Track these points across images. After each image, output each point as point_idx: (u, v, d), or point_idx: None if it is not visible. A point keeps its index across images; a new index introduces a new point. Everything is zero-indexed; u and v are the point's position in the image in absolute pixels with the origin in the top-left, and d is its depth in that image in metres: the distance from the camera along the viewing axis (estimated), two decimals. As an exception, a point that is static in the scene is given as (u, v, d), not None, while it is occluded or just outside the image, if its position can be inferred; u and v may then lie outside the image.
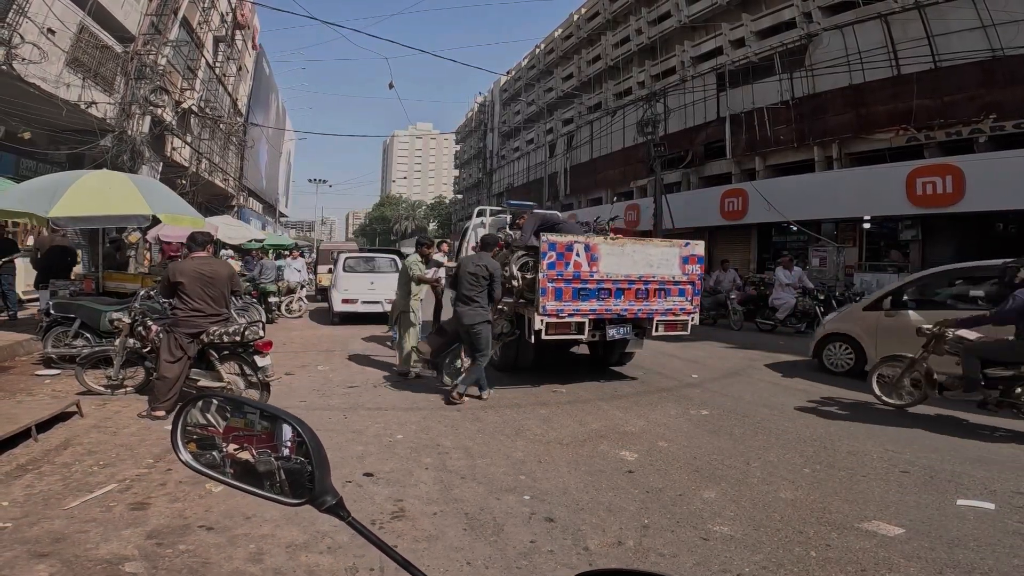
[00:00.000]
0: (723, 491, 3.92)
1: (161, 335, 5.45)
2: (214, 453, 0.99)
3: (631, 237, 7.91)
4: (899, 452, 4.80)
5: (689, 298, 7.19)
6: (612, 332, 6.91)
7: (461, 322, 6.26)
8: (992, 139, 14.96)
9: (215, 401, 1.03)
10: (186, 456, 0.98)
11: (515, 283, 6.94)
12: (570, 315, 6.60)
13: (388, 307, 8.44)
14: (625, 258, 6.80)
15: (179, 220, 7.94)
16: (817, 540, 3.20)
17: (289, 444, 0.96)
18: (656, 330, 7.12)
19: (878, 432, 5.41)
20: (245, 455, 0.98)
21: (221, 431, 1.01)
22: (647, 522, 3.44)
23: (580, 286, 6.61)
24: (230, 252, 16.57)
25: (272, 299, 12.83)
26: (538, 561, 2.95)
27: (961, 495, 3.85)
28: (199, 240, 5.63)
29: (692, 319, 7.26)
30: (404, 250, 14.24)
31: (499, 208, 11.40)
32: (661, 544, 3.17)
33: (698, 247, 7.23)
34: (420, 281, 7.58)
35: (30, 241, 12.47)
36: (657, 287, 7.00)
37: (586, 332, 6.74)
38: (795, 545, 3.14)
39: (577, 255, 6.54)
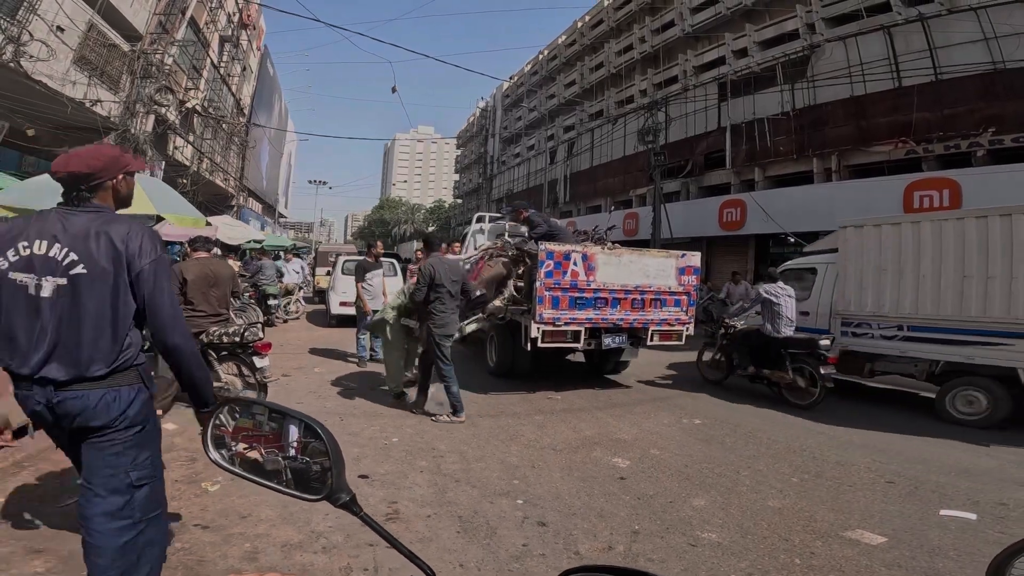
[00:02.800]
0: (712, 499, 3.98)
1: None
2: (223, 451, 1.04)
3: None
4: (886, 463, 4.87)
5: (684, 308, 7.26)
6: (608, 341, 6.97)
7: (442, 331, 5.84)
8: (990, 153, 15.05)
9: (235, 405, 1.09)
10: (215, 455, 1.04)
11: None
12: (566, 323, 6.66)
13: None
14: (622, 268, 6.87)
15: (182, 220, 8.00)
16: (802, 548, 3.25)
17: (295, 445, 1.01)
18: (651, 339, 7.19)
19: (867, 443, 5.47)
20: (254, 455, 1.04)
21: (231, 431, 1.06)
22: (637, 528, 3.49)
23: (577, 295, 6.67)
24: (217, 251, 16.50)
25: (272, 301, 12.75)
26: (530, 564, 3.00)
27: (944, 505, 3.91)
28: (202, 242, 5.71)
29: (687, 329, 7.33)
30: (403, 254, 14.17)
31: (498, 215, 11.48)
32: (650, 549, 3.22)
33: (694, 258, 7.30)
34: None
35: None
36: (653, 297, 7.07)
37: (582, 341, 6.79)
38: (780, 552, 3.19)
39: (574, 264, 6.61)
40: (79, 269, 1.91)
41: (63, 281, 1.90)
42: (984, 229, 6.39)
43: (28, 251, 1.91)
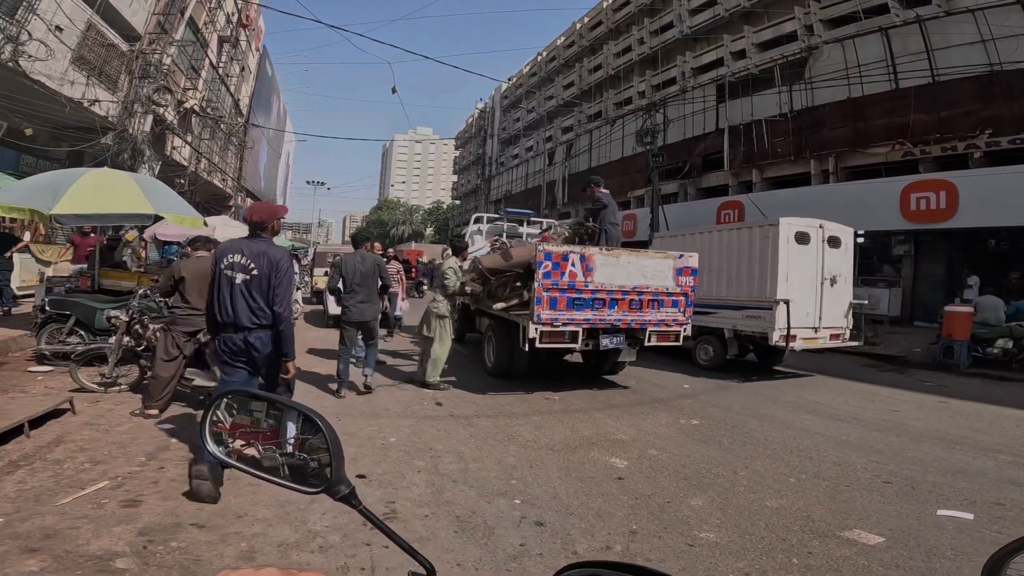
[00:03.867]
0: (710, 499, 3.98)
1: (158, 334, 5.49)
2: (221, 448, 1.03)
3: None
4: (883, 463, 4.87)
5: (682, 309, 7.26)
6: (606, 342, 6.97)
7: (360, 318, 6.69)
8: (987, 155, 15.09)
9: (230, 399, 1.08)
10: (213, 448, 1.03)
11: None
12: (564, 324, 6.66)
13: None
14: (619, 269, 6.86)
15: (180, 220, 7.98)
16: (800, 548, 3.25)
17: (292, 441, 1.00)
18: (649, 340, 7.18)
19: (864, 444, 5.48)
20: (251, 451, 1.03)
21: (228, 427, 1.06)
22: (635, 528, 3.49)
23: (575, 295, 6.66)
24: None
25: None
26: (527, 564, 2.99)
27: (941, 505, 3.91)
28: (203, 242, 5.76)
29: (684, 330, 7.33)
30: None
31: (497, 216, 11.50)
32: (648, 549, 3.22)
33: (692, 259, 7.31)
34: (449, 291, 7.30)
35: (26, 236, 12.46)
36: (651, 298, 7.07)
37: (579, 341, 6.79)
38: (778, 552, 3.19)
39: (572, 265, 6.60)
40: (254, 271, 3.73)
41: (247, 276, 3.72)
42: (715, 239, 10.03)
43: (231, 260, 3.76)
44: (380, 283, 6.85)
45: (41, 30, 11.44)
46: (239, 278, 3.72)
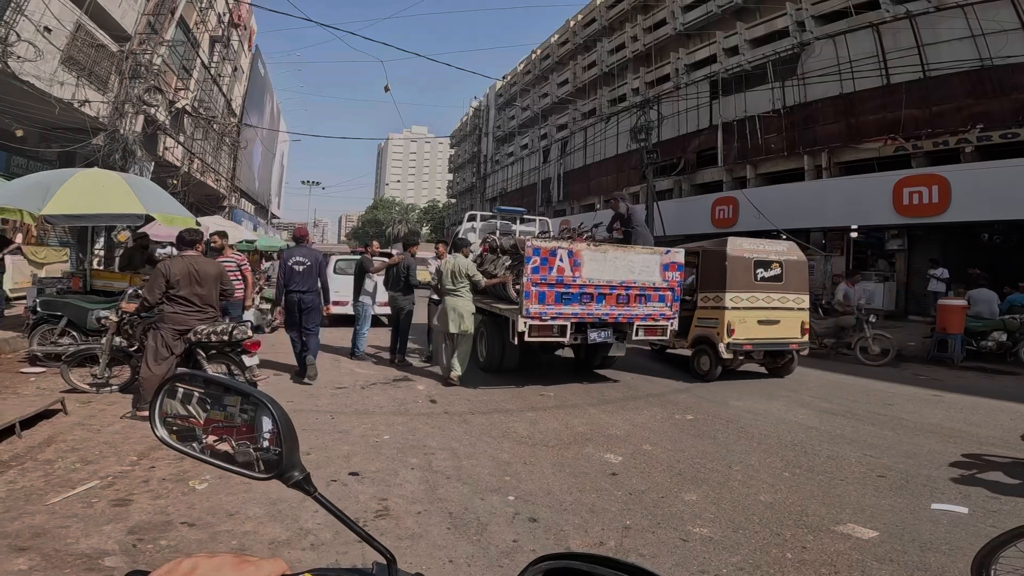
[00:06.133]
0: (704, 494, 3.97)
1: (148, 333, 5.43)
2: (194, 444, 1.01)
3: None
4: (877, 457, 4.88)
5: (669, 304, 7.32)
6: (593, 335, 7.03)
7: (394, 304, 8.57)
8: (978, 149, 15.14)
9: (187, 387, 1.06)
10: (162, 432, 1.01)
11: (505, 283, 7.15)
12: (552, 318, 6.70)
13: (378, 309, 8.74)
14: (607, 264, 6.91)
15: (171, 220, 7.93)
16: (794, 542, 3.25)
17: (269, 436, 0.97)
18: (636, 334, 7.25)
19: (858, 438, 5.49)
20: (225, 446, 1.01)
21: (201, 423, 1.03)
22: (629, 523, 3.48)
23: (563, 290, 6.72)
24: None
25: (264, 305, 12.47)
26: (520, 560, 2.97)
27: (935, 499, 3.91)
28: (187, 239, 5.54)
29: (671, 324, 7.38)
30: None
31: (490, 213, 11.49)
32: (641, 545, 3.21)
33: (678, 254, 7.34)
34: (482, 286, 7.57)
35: (18, 239, 12.36)
36: (638, 293, 7.11)
37: (568, 335, 6.83)
38: (772, 547, 3.18)
39: (560, 260, 6.65)
40: (307, 263, 7.27)
41: (304, 267, 7.20)
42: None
43: (295, 259, 7.29)
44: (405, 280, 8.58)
45: (29, 31, 11.34)
46: (301, 267, 7.12)
